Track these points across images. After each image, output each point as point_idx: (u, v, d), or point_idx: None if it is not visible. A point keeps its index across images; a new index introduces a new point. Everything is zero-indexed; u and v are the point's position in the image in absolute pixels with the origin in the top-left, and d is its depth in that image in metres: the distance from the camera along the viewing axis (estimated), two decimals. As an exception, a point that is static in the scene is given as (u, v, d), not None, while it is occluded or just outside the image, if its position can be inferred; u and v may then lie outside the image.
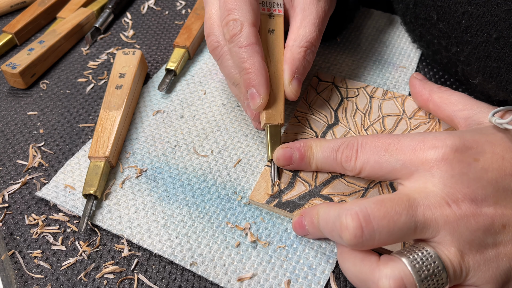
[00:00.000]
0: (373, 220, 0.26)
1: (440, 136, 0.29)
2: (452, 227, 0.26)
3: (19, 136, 0.42)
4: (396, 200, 0.27)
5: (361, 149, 0.31)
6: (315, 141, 0.35)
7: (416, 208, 0.27)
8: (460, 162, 0.28)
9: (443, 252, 0.26)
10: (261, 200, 0.35)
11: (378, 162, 0.30)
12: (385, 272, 0.26)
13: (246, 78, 0.35)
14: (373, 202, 0.27)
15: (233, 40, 0.35)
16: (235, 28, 0.35)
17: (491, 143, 0.29)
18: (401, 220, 0.26)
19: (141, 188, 0.37)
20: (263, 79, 0.34)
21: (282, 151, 0.35)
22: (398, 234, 0.26)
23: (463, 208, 0.26)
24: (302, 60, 0.36)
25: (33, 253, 0.34)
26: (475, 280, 0.26)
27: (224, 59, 0.37)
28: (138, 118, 0.43)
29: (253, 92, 0.35)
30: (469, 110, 0.34)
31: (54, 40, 0.49)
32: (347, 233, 0.26)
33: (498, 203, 0.27)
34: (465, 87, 0.44)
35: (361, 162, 0.31)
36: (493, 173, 0.27)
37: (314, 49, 0.37)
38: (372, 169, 0.31)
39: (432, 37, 0.41)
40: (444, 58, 0.41)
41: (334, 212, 0.28)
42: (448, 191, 0.27)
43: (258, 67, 0.34)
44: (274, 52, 0.37)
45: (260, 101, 0.35)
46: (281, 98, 0.36)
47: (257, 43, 0.35)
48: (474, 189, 0.27)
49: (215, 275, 0.32)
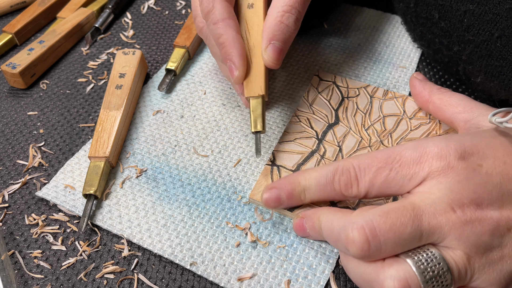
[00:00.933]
0: (379, 233, 0.26)
1: (441, 144, 0.28)
2: (458, 232, 0.26)
3: (19, 136, 0.42)
4: (401, 210, 0.26)
5: (360, 173, 0.29)
6: (301, 174, 0.32)
7: (421, 217, 0.26)
8: (465, 168, 0.27)
9: (448, 254, 0.26)
10: (261, 198, 0.35)
11: (385, 182, 0.29)
12: (390, 273, 0.26)
13: (223, 52, 0.35)
14: (378, 214, 0.26)
15: (207, 17, 0.35)
16: (208, 5, 0.35)
17: (492, 148, 0.28)
18: (407, 231, 0.26)
19: (141, 188, 0.37)
20: (237, 51, 0.34)
21: (268, 193, 0.32)
22: (404, 244, 0.26)
23: (468, 213, 0.26)
24: (279, 24, 0.35)
25: (33, 253, 0.34)
26: (480, 282, 0.26)
27: (209, 38, 0.38)
28: (138, 118, 0.43)
29: (230, 65, 0.35)
30: (469, 113, 0.34)
31: (54, 40, 0.48)
32: (354, 247, 0.26)
33: (503, 207, 0.27)
34: (466, 87, 0.44)
35: (365, 186, 0.29)
36: (497, 178, 0.27)
37: (294, 12, 0.35)
38: (379, 191, 0.29)
39: (433, 36, 0.41)
40: (445, 57, 0.41)
41: (339, 223, 0.28)
42: (454, 196, 0.26)
43: (232, 40, 0.34)
44: (254, 25, 0.37)
45: (237, 73, 0.35)
46: (261, 70, 0.36)
47: (230, 18, 0.35)
48: (480, 194, 0.27)
49: (215, 275, 0.32)
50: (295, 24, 0.36)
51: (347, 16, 0.52)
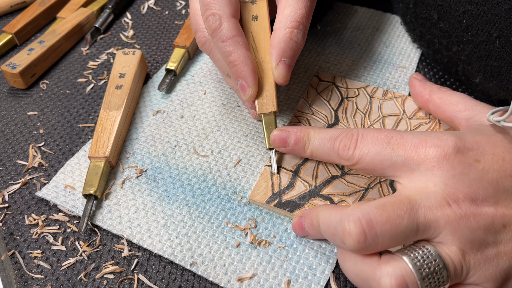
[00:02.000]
0: (375, 225, 0.26)
1: (442, 136, 0.29)
2: (453, 226, 0.26)
3: (19, 136, 0.42)
4: (397, 203, 0.27)
5: (361, 139, 0.31)
6: (314, 129, 0.34)
7: (417, 210, 0.26)
8: (461, 163, 0.28)
9: (444, 251, 0.26)
10: (261, 199, 0.35)
11: (379, 154, 0.30)
12: (386, 271, 0.26)
13: (234, 71, 0.35)
14: (374, 206, 0.27)
15: (214, 35, 0.35)
16: (215, 22, 0.34)
17: (492, 144, 0.29)
18: (403, 223, 0.26)
19: (141, 188, 0.37)
20: (249, 70, 0.34)
21: (279, 132, 0.35)
22: (400, 237, 0.26)
23: (463, 208, 0.26)
24: (288, 42, 0.35)
25: (33, 253, 0.34)
26: (475, 278, 0.26)
27: (214, 53, 0.38)
28: (138, 118, 0.43)
29: (242, 84, 0.35)
30: (470, 111, 0.34)
31: (54, 40, 0.49)
32: (350, 239, 0.26)
33: (498, 204, 0.27)
34: (465, 87, 0.44)
35: (360, 152, 0.30)
36: (494, 174, 0.27)
37: (302, 28, 0.36)
38: (371, 161, 0.30)
39: (432, 36, 0.41)
40: (445, 58, 0.41)
41: (336, 217, 0.28)
42: (449, 191, 0.27)
43: (243, 59, 0.34)
44: (260, 39, 0.37)
45: (250, 92, 0.35)
46: (271, 85, 0.36)
47: (238, 35, 0.35)
48: (475, 189, 0.27)
49: (215, 275, 0.32)
50: (303, 39, 0.36)
51: (347, 16, 0.52)
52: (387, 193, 0.35)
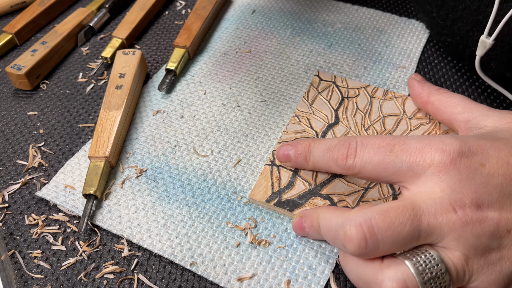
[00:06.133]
0: (377, 231, 0.26)
1: (446, 140, 0.28)
2: (457, 233, 0.26)
3: (19, 136, 0.42)
4: (400, 209, 0.26)
5: (361, 147, 0.30)
6: (314, 140, 0.34)
7: (421, 217, 0.26)
8: (467, 167, 0.27)
9: (446, 256, 0.26)
10: (260, 198, 0.35)
11: (382, 162, 0.29)
12: (388, 274, 0.26)
13: None
14: (377, 212, 0.26)
15: None
16: None
17: (496, 148, 0.28)
18: (405, 230, 0.26)
19: (141, 188, 0.37)
20: None
21: (282, 147, 0.36)
22: (401, 243, 0.26)
23: (468, 214, 0.26)
24: None
25: (33, 253, 0.34)
26: (478, 283, 0.26)
27: None
28: (138, 118, 0.43)
29: None
30: (469, 113, 0.33)
31: (56, 40, 0.48)
32: (351, 244, 0.26)
33: (503, 208, 0.26)
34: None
35: (362, 161, 0.30)
36: (499, 179, 0.27)
37: None
38: (374, 170, 0.29)
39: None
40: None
41: (337, 220, 0.28)
42: (456, 196, 0.26)
43: None
44: None
45: None
46: None
47: None
48: (481, 194, 0.26)
49: (215, 275, 0.32)
50: None
51: (347, 16, 0.52)
52: (387, 193, 0.35)
